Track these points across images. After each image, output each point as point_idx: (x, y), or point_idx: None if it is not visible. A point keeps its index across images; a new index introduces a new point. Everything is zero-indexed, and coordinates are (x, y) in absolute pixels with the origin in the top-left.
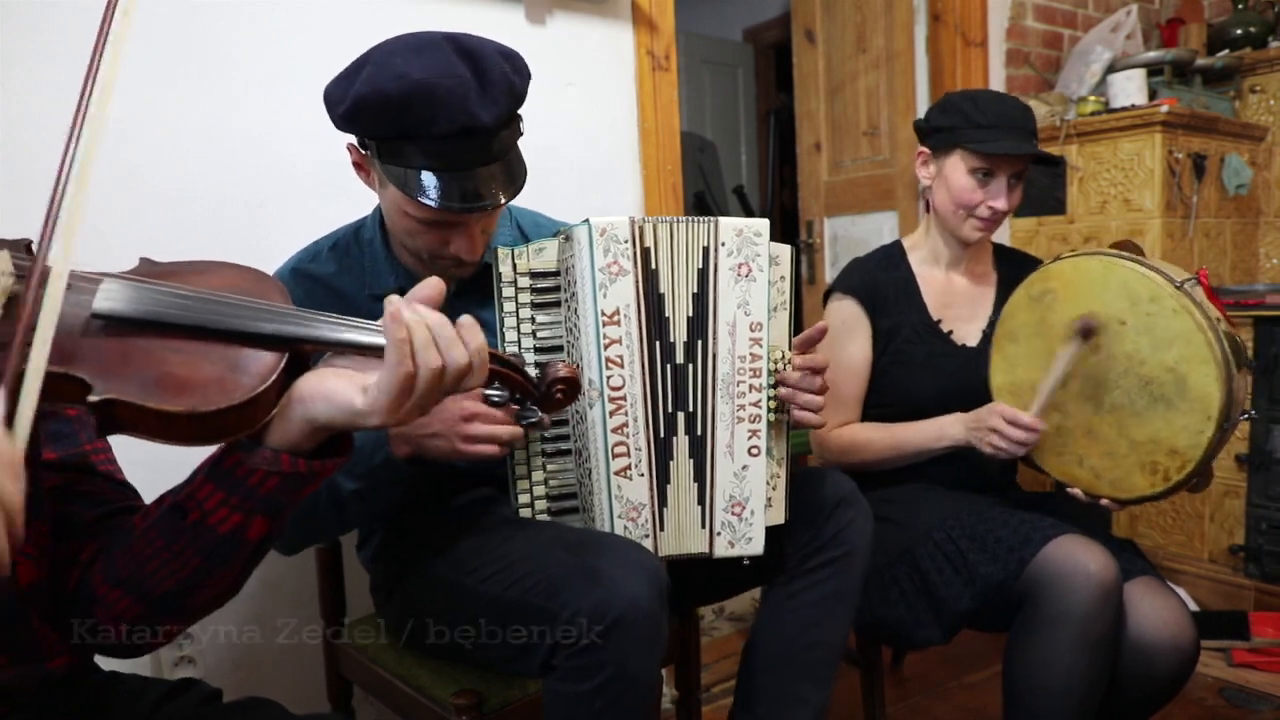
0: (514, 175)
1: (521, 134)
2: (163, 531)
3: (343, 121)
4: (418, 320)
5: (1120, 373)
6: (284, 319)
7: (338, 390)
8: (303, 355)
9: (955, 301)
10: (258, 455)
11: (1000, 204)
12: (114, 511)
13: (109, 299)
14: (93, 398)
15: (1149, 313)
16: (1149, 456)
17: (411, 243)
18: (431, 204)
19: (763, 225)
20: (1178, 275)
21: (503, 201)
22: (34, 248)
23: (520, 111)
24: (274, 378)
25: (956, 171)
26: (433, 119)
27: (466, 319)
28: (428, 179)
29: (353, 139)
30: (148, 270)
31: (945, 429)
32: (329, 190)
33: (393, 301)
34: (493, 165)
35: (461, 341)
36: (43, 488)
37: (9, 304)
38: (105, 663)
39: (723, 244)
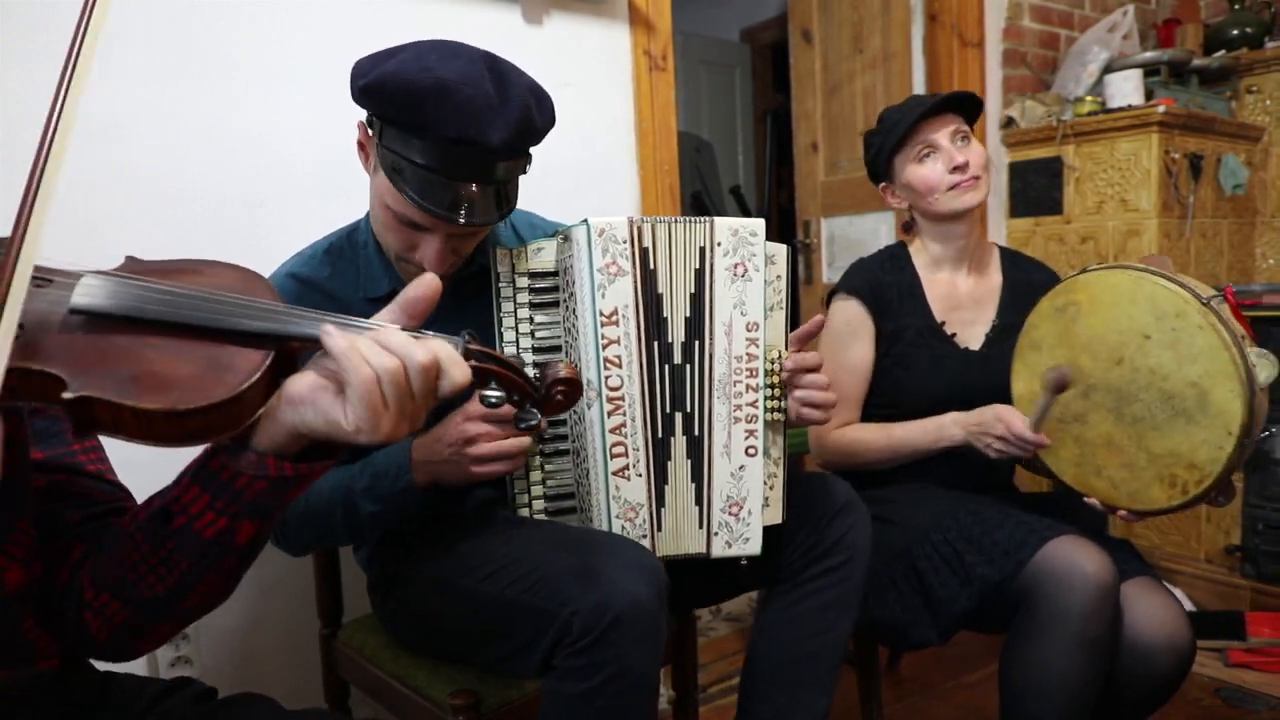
0: (499, 204)
1: (526, 172)
2: (149, 536)
3: (360, 94)
4: (354, 333)
5: (1142, 386)
6: (268, 316)
7: (326, 404)
8: (290, 354)
9: (960, 304)
10: (243, 459)
11: (959, 158)
12: (103, 513)
13: (88, 294)
14: (67, 395)
15: (1174, 328)
16: (1168, 470)
17: (384, 236)
18: (408, 197)
19: (758, 225)
20: (1204, 291)
21: (472, 222)
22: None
23: (533, 151)
24: (257, 376)
25: (908, 170)
26: (442, 120)
27: (422, 339)
28: (414, 176)
29: (363, 116)
30: (132, 268)
31: (944, 429)
32: (328, 190)
33: (327, 326)
34: (484, 188)
35: (417, 343)
36: (29, 489)
37: None
38: (101, 663)
39: (719, 244)
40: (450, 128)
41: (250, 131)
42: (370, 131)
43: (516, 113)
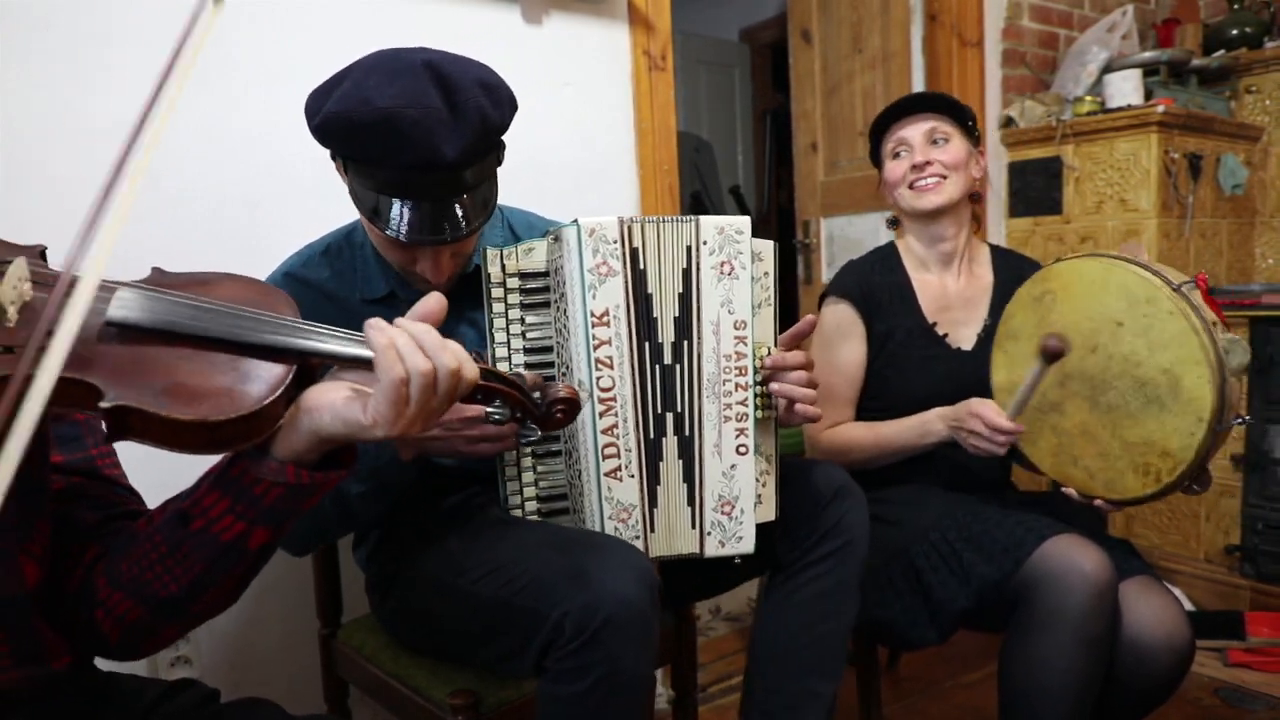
0: (481, 206)
1: (500, 163)
2: (167, 537)
3: (315, 134)
4: (398, 329)
5: (1116, 374)
6: (294, 332)
7: (342, 403)
8: (310, 367)
9: (951, 305)
10: (264, 465)
11: (918, 159)
12: (118, 515)
13: (124, 307)
14: (104, 404)
15: (1146, 314)
16: (1141, 458)
17: (383, 252)
18: (391, 234)
19: (743, 223)
20: (1176, 278)
21: (463, 235)
22: (46, 254)
23: (504, 138)
24: (283, 389)
25: (884, 165)
26: (396, 150)
27: (449, 342)
28: (391, 205)
29: None
30: (159, 280)
31: (928, 425)
32: (327, 190)
33: (372, 320)
34: (459, 197)
35: (448, 347)
36: (49, 490)
37: (24, 310)
38: (103, 663)
39: (704, 243)
40: (405, 156)
41: (249, 131)
42: (338, 164)
43: (470, 120)
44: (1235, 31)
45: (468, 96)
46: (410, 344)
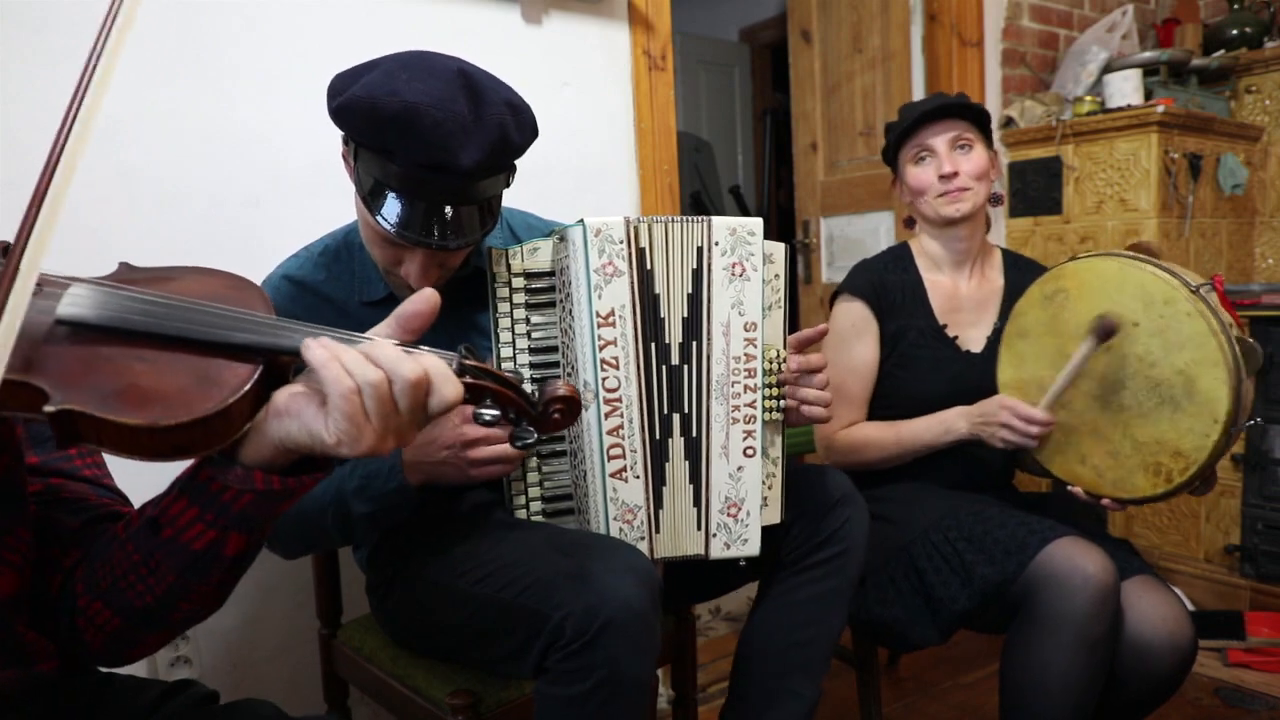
0: (482, 222)
1: (508, 185)
2: (139, 546)
3: (333, 114)
4: (344, 347)
5: (1130, 374)
6: (259, 329)
7: (309, 416)
8: (280, 367)
9: (962, 307)
10: (230, 472)
11: (946, 168)
12: (99, 518)
13: (74, 305)
14: (49, 408)
15: (1163, 315)
16: (1152, 458)
17: (370, 249)
18: (381, 225)
19: (756, 224)
20: (1193, 280)
21: (449, 246)
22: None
23: (518, 163)
24: (244, 391)
25: (906, 170)
26: (410, 145)
27: (415, 353)
28: (390, 199)
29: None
30: (125, 276)
31: (950, 423)
32: (324, 189)
33: (311, 341)
34: (461, 208)
35: (412, 358)
36: (25, 494)
37: None
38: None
39: (716, 243)
40: (419, 153)
41: (248, 131)
42: (346, 149)
43: (491, 133)
44: (1235, 31)
45: (494, 111)
46: (356, 357)
